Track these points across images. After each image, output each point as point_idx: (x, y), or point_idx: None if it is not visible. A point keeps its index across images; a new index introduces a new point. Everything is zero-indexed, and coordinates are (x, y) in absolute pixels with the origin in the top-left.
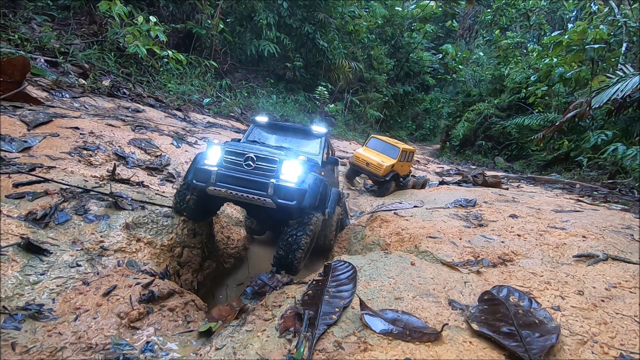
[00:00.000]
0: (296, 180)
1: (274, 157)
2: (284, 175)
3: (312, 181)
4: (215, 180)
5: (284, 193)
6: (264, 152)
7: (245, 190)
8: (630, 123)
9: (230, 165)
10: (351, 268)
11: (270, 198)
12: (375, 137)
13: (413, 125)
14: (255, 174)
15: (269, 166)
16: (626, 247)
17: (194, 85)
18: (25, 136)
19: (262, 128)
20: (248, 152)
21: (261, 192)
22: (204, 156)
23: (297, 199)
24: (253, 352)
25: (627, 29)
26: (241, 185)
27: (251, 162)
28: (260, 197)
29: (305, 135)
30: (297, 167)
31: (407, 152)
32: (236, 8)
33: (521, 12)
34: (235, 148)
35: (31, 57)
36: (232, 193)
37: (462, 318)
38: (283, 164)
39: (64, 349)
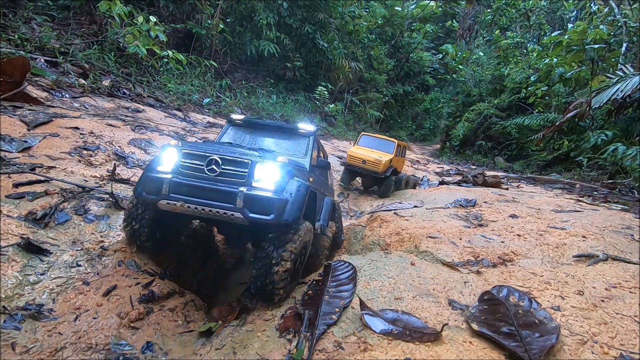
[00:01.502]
0: (274, 187)
1: (244, 159)
2: (258, 182)
3: (295, 189)
4: (169, 191)
5: (258, 205)
6: (232, 153)
7: (207, 203)
8: (630, 123)
9: (188, 171)
10: (351, 268)
11: (239, 212)
12: (366, 135)
13: (413, 125)
14: (220, 182)
15: (238, 171)
16: (626, 247)
17: (194, 85)
18: (25, 136)
19: (239, 128)
20: (211, 153)
21: (228, 205)
22: (157, 161)
23: (275, 212)
24: (253, 352)
25: (627, 29)
26: (202, 196)
27: (215, 167)
28: (226, 211)
29: (289, 135)
30: (274, 171)
31: (401, 146)
32: (236, 8)
33: (521, 12)
34: (195, 149)
35: (31, 57)
36: (191, 207)
37: (462, 318)
38: (256, 168)
39: (64, 349)
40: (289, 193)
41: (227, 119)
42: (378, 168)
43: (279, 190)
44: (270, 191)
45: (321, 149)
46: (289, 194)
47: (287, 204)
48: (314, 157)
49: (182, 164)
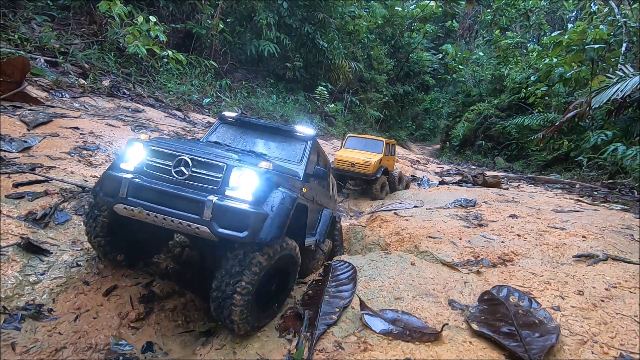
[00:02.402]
0: (252, 198)
1: (218, 162)
2: (233, 191)
3: (278, 201)
4: (127, 194)
5: (230, 218)
6: (205, 154)
7: (170, 212)
8: (630, 123)
9: (153, 171)
10: (351, 268)
11: (206, 225)
12: (352, 136)
13: (413, 125)
14: (189, 187)
15: (210, 175)
16: (626, 247)
17: (193, 85)
18: (25, 136)
19: (230, 126)
20: (180, 153)
21: (193, 216)
22: (122, 157)
23: (250, 229)
24: (253, 352)
25: (627, 29)
26: (165, 203)
27: (184, 169)
28: (190, 223)
29: (285, 138)
30: (254, 178)
31: (390, 144)
32: (236, 8)
33: (521, 12)
34: (163, 146)
35: (31, 57)
36: (150, 215)
37: (462, 318)
38: (232, 174)
39: (64, 349)
40: (269, 206)
41: (218, 116)
42: (368, 170)
43: (258, 202)
44: (247, 203)
45: (322, 156)
46: (269, 208)
47: (266, 220)
48: (312, 164)
49: (148, 163)
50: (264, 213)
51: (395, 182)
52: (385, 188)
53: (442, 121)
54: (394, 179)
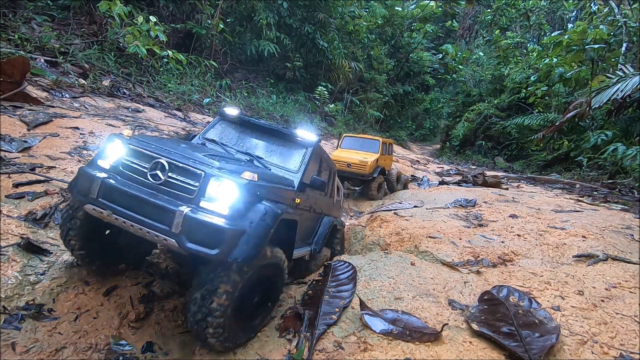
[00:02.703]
0: (229, 212)
1: (195, 169)
2: (209, 202)
3: (258, 217)
4: (97, 195)
5: (201, 232)
6: (185, 158)
7: (138, 219)
8: (630, 123)
9: (129, 172)
10: (351, 268)
11: (174, 238)
12: (348, 136)
13: (413, 125)
14: (163, 193)
15: (186, 183)
16: (626, 247)
17: (194, 85)
18: (25, 136)
19: (230, 124)
20: (158, 155)
21: (161, 226)
22: (101, 154)
23: (222, 246)
24: (253, 352)
25: (627, 29)
26: (135, 208)
27: (160, 173)
28: (158, 233)
29: (285, 142)
30: (233, 190)
31: (386, 144)
32: (236, 8)
33: (521, 12)
34: (142, 145)
35: (31, 57)
36: (119, 219)
37: (462, 318)
38: (210, 183)
39: (64, 349)
40: (248, 222)
41: (218, 112)
42: (364, 170)
43: (235, 216)
44: (223, 217)
45: (325, 162)
46: (248, 223)
47: (242, 237)
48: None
49: (125, 163)
50: (240, 229)
51: (393, 182)
52: (383, 188)
53: (442, 121)
54: (392, 179)
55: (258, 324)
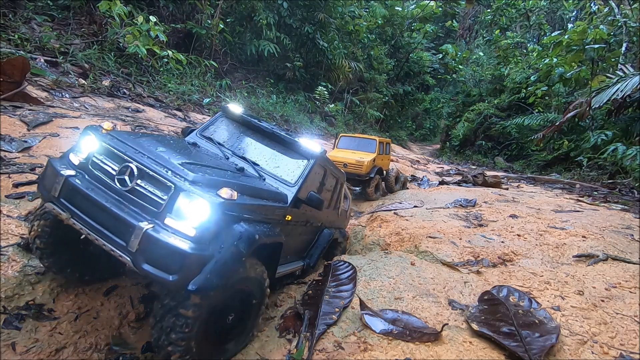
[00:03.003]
0: (195, 233)
1: (166, 180)
2: (175, 220)
3: (231, 241)
4: (59, 194)
5: (160, 254)
6: (158, 164)
7: (96, 228)
8: (630, 123)
9: (97, 172)
10: (351, 268)
11: (130, 257)
12: (345, 136)
13: (413, 125)
14: (128, 201)
15: (155, 195)
16: (626, 247)
17: (194, 85)
18: (25, 136)
19: (232, 122)
20: (129, 158)
21: (118, 241)
22: (74, 147)
23: (182, 272)
24: (253, 352)
25: (627, 29)
26: (95, 215)
27: (128, 179)
28: (114, 248)
29: (286, 150)
30: (204, 209)
31: (383, 143)
32: (236, 8)
33: (521, 12)
34: (115, 144)
35: (31, 57)
36: (77, 225)
37: (462, 318)
38: (179, 198)
39: (64, 349)
40: (218, 246)
41: (221, 108)
42: (361, 170)
43: (204, 239)
44: (188, 239)
45: (330, 174)
46: (217, 248)
47: (208, 264)
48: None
49: (94, 161)
50: (206, 255)
51: (391, 182)
52: (381, 188)
53: (442, 121)
54: (391, 179)
55: (232, 347)
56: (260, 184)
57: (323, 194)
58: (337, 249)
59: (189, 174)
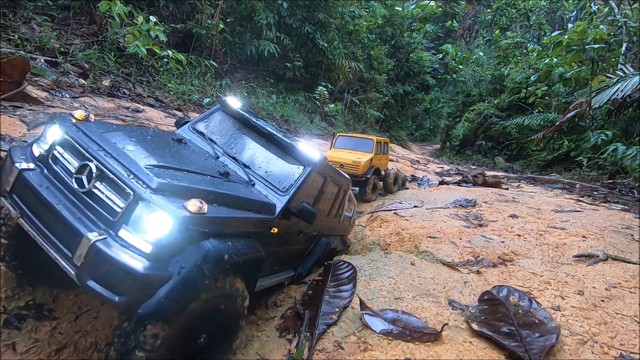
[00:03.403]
0: (151, 250)
1: (125, 185)
2: (129, 232)
3: (193, 261)
4: (12, 188)
5: (107, 271)
6: (120, 165)
7: (42, 231)
8: (630, 123)
9: (57, 168)
10: (351, 268)
11: (75, 270)
12: (342, 135)
13: (413, 125)
14: (83, 205)
15: (112, 201)
16: (626, 247)
17: (194, 85)
18: (25, 136)
19: (229, 117)
20: (90, 155)
21: (64, 250)
22: (40, 137)
23: (130, 293)
24: (253, 352)
25: (627, 29)
26: (44, 218)
27: (86, 179)
28: (59, 258)
29: (283, 153)
30: (165, 223)
31: (381, 143)
32: (236, 8)
33: (521, 12)
34: (79, 138)
35: (31, 57)
36: (25, 226)
37: (462, 318)
38: (138, 207)
39: (64, 349)
40: (178, 266)
41: (218, 100)
42: (357, 170)
43: (161, 257)
44: (143, 255)
45: (331, 181)
46: (177, 268)
47: (164, 287)
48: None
49: (55, 155)
50: (162, 275)
51: (390, 183)
52: (378, 189)
53: (442, 121)
54: (389, 179)
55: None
56: (244, 192)
57: (321, 203)
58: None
59: (153, 180)
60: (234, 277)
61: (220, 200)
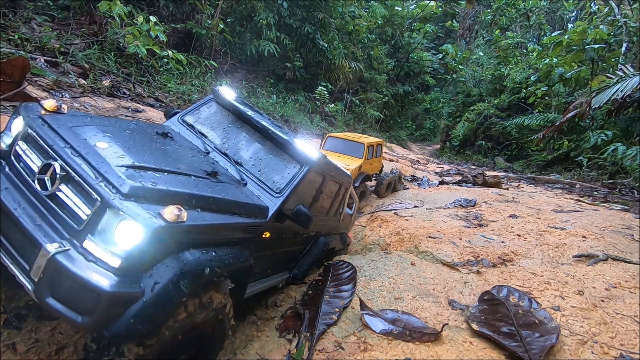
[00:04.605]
0: (120, 264)
1: (92, 189)
2: (95, 243)
3: (168, 277)
4: None
5: (68, 288)
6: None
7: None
8: (630, 123)
9: (18, 165)
10: (351, 268)
11: (32, 285)
12: (332, 136)
13: (413, 125)
14: (45, 210)
15: (77, 206)
16: (626, 247)
17: (194, 85)
18: None
19: (222, 109)
20: (55, 153)
21: (22, 262)
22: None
23: (95, 314)
24: (253, 352)
25: (627, 29)
26: (3, 227)
27: (48, 180)
28: (15, 270)
29: (279, 150)
30: (137, 234)
31: (373, 146)
32: (236, 8)
33: (521, 12)
34: (43, 132)
35: (31, 57)
36: None
37: (462, 318)
38: (106, 216)
39: (64, 349)
40: (152, 282)
41: (212, 90)
42: None
43: (131, 272)
44: (110, 270)
45: (329, 181)
46: (150, 284)
47: (134, 305)
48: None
49: (17, 150)
50: (131, 293)
51: (381, 188)
52: (367, 195)
53: (442, 121)
54: (381, 184)
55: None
56: (234, 194)
57: (320, 202)
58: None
59: (125, 183)
60: (216, 290)
61: (204, 205)
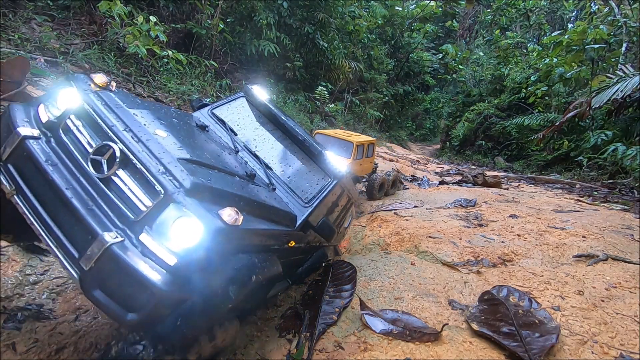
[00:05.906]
0: (175, 262)
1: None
2: (152, 238)
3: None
4: (8, 157)
5: (119, 282)
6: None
7: (42, 218)
8: (630, 123)
9: (68, 141)
10: (351, 268)
11: (80, 275)
12: (320, 133)
13: (413, 125)
14: (98, 195)
15: (136, 196)
16: (626, 247)
17: (194, 85)
18: None
19: (253, 108)
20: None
21: (70, 249)
22: (48, 97)
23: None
24: (253, 352)
25: (627, 29)
26: (45, 201)
27: (105, 163)
28: (62, 257)
29: (310, 160)
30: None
31: (364, 145)
32: (236, 8)
33: (521, 12)
34: (102, 112)
35: (31, 57)
36: (20, 208)
37: (462, 318)
38: (167, 211)
39: (64, 349)
40: (202, 284)
41: (244, 88)
42: None
43: (184, 272)
44: (165, 268)
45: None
46: (199, 287)
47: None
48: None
49: (67, 125)
50: (181, 295)
51: (374, 190)
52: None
53: (442, 121)
54: (373, 187)
55: None
56: (270, 199)
57: (333, 214)
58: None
59: (187, 179)
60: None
61: (249, 209)
